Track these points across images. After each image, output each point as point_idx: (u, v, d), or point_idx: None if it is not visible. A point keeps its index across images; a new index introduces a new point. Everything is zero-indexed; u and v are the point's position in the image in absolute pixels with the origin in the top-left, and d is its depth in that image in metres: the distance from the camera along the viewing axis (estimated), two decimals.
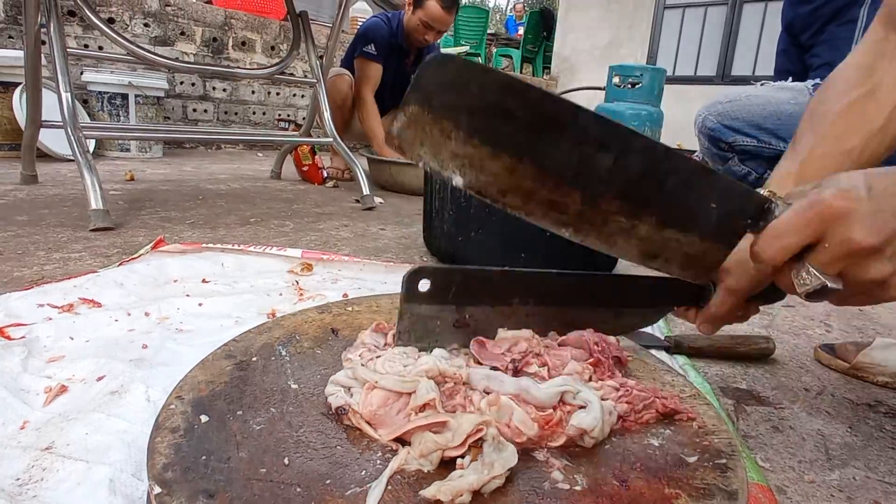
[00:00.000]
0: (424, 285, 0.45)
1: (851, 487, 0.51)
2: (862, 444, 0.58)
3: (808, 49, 1.22)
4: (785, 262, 0.38)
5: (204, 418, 0.38)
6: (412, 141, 0.34)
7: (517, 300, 0.50)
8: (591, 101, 3.73)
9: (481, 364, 0.45)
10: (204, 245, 1.03)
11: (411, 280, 0.45)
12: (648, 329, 0.82)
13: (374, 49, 2.14)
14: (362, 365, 0.41)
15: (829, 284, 0.36)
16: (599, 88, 3.31)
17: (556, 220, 0.38)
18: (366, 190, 1.71)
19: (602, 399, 0.42)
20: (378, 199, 1.80)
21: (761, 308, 0.53)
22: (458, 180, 0.36)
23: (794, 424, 0.62)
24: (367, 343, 0.46)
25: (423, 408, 0.37)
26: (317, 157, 2.17)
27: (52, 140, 2.12)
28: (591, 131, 0.36)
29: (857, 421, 0.64)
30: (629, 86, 2.98)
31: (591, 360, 0.45)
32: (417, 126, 0.34)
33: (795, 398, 0.68)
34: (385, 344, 0.47)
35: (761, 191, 0.44)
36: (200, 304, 0.76)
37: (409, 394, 0.38)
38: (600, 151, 0.36)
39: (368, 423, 0.38)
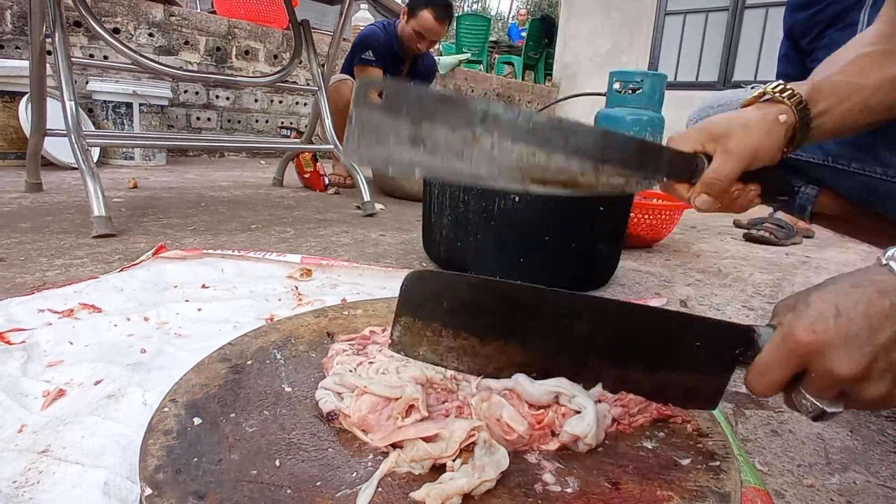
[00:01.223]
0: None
1: (852, 492, 0.50)
2: (863, 449, 0.58)
3: (808, 54, 1.22)
4: (783, 390, 0.38)
5: (197, 421, 0.38)
6: (412, 344, 0.41)
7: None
8: (592, 106, 3.74)
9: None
10: (204, 251, 1.03)
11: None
12: None
13: (371, 55, 2.16)
14: (350, 371, 0.41)
15: (828, 410, 0.36)
16: (600, 94, 3.32)
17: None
18: (366, 196, 1.72)
19: (597, 402, 0.42)
20: (379, 206, 1.80)
21: (760, 310, 0.52)
22: (458, 366, 0.42)
23: (794, 428, 0.61)
24: (337, 349, 0.46)
25: (408, 410, 0.37)
26: (318, 164, 2.18)
27: (56, 149, 2.14)
28: (562, 306, 0.40)
29: (857, 425, 0.63)
30: (630, 91, 2.98)
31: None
32: (413, 332, 0.40)
33: None
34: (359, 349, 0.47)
35: (766, 88, 0.45)
36: (199, 310, 0.76)
37: (398, 399, 0.38)
38: (575, 322, 0.40)
39: (359, 427, 0.38)
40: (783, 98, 0.48)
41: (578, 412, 0.40)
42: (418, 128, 0.38)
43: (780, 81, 0.50)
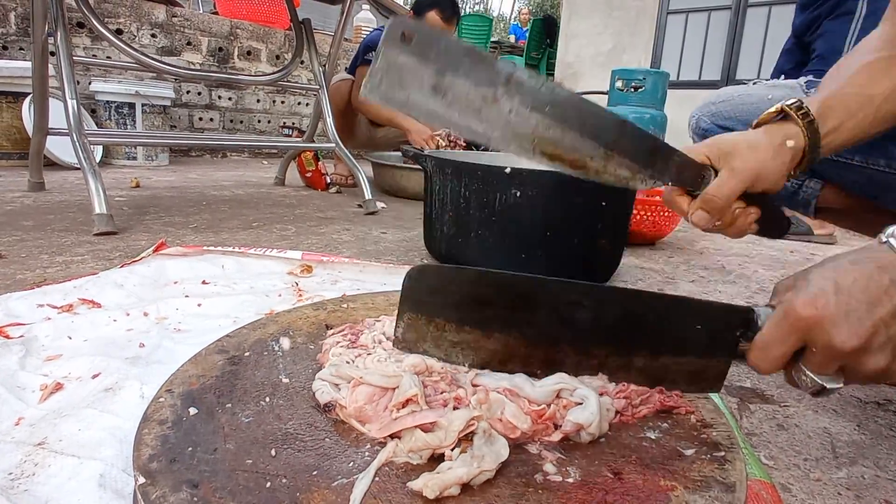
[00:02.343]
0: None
1: (860, 486, 0.49)
2: (871, 443, 0.57)
3: (808, 46, 1.22)
4: (785, 366, 0.38)
5: (193, 411, 0.37)
6: (415, 341, 0.41)
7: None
8: None
9: None
10: (205, 248, 1.03)
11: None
12: None
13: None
14: (348, 362, 0.40)
15: (827, 385, 0.36)
16: (603, 93, 3.31)
17: (558, 371, 0.42)
18: (368, 194, 1.71)
19: (600, 394, 0.41)
20: (380, 204, 1.80)
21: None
22: (463, 361, 0.42)
23: (800, 422, 0.60)
24: (330, 342, 0.45)
25: (405, 403, 0.36)
26: (320, 163, 2.18)
27: (59, 149, 2.15)
28: (562, 296, 0.40)
29: (865, 419, 0.62)
30: (632, 90, 2.97)
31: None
32: (416, 329, 0.40)
33: (801, 396, 0.67)
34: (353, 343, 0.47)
35: (786, 103, 0.46)
36: (199, 305, 0.76)
37: (395, 389, 0.37)
38: (576, 310, 0.40)
39: (356, 418, 0.38)
40: (798, 116, 0.48)
41: (580, 403, 0.39)
42: (442, 77, 0.37)
43: (795, 96, 0.50)
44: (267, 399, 0.40)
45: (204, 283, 0.87)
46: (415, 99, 0.38)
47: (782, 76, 1.22)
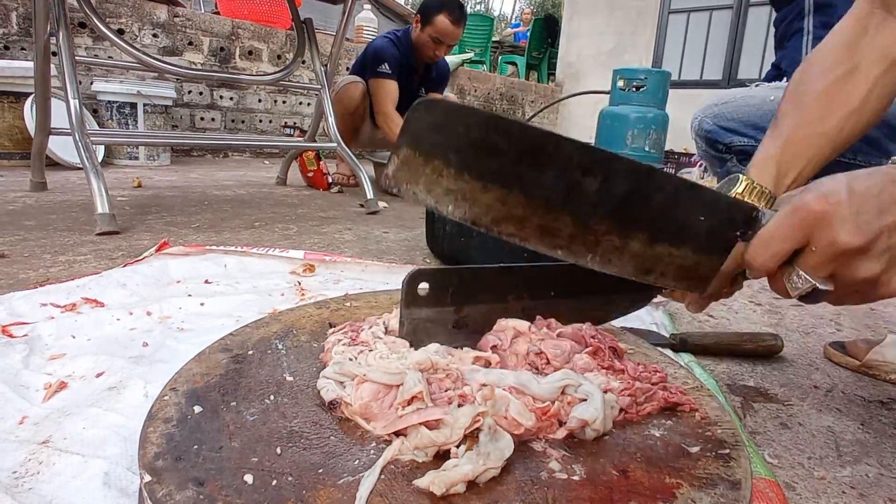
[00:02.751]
0: (423, 289, 0.47)
1: (864, 484, 0.49)
2: (875, 442, 0.57)
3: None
4: (777, 268, 0.38)
5: (197, 409, 0.37)
6: (407, 181, 0.36)
7: (513, 296, 0.50)
8: (596, 105, 3.72)
9: (480, 352, 0.45)
10: (207, 247, 1.03)
11: (411, 283, 0.46)
12: (654, 328, 0.81)
13: (387, 68, 2.14)
14: (350, 359, 0.40)
15: (820, 286, 0.36)
16: (604, 92, 3.30)
17: (550, 243, 0.39)
18: (370, 194, 1.71)
19: (605, 391, 0.41)
20: (382, 204, 1.80)
21: (768, 305, 0.52)
22: (453, 212, 0.38)
23: (804, 421, 0.60)
24: (332, 340, 0.46)
25: (410, 400, 0.36)
26: (322, 162, 2.18)
27: (61, 149, 2.15)
28: (574, 158, 0.37)
29: (868, 418, 0.62)
30: (634, 89, 2.97)
31: (588, 349, 0.45)
32: (410, 167, 0.36)
33: (805, 395, 0.67)
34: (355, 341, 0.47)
35: (740, 176, 0.45)
36: (202, 304, 0.76)
37: (399, 386, 0.37)
38: (585, 176, 0.37)
39: (361, 416, 0.38)
40: (756, 199, 0.49)
41: (585, 400, 0.39)
42: (461, 313, 0.47)
43: (750, 179, 0.50)
44: (271, 397, 0.40)
45: (207, 282, 0.87)
46: (441, 340, 0.46)
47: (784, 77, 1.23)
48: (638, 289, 0.51)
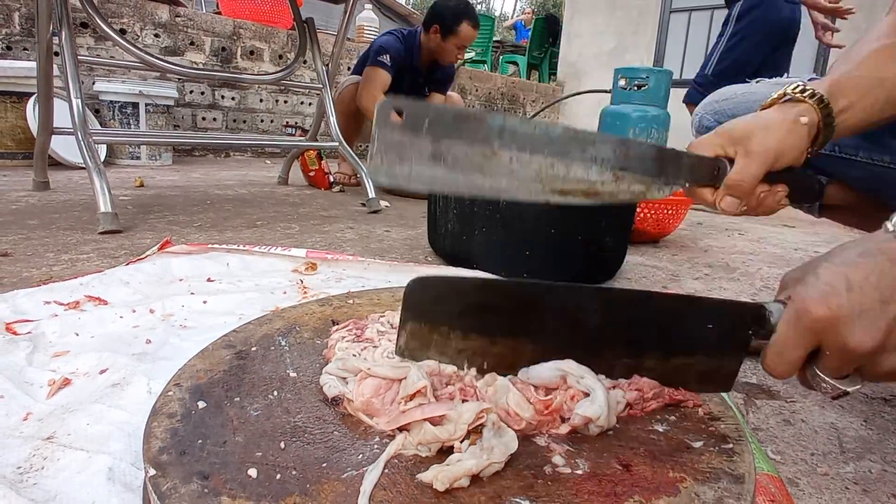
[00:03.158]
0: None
1: (867, 481, 0.49)
2: (878, 438, 0.57)
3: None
4: (800, 371, 0.37)
5: (201, 404, 0.37)
6: (419, 349, 0.40)
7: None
8: (597, 104, 3.72)
9: None
10: (210, 246, 1.03)
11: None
12: None
13: (388, 60, 2.14)
14: (354, 355, 0.40)
15: (848, 389, 0.35)
16: (605, 91, 3.30)
17: None
18: (371, 193, 1.72)
19: (612, 388, 0.41)
20: (384, 203, 1.80)
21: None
22: (469, 366, 0.41)
23: (806, 418, 0.60)
24: (336, 337, 0.46)
25: (413, 396, 0.36)
26: (323, 162, 2.18)
27: (64, 149, 2.16)
28: (570, 300, 0.39)
29: (872, 415, 0.62)
30: (635, 88, 2.96)
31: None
32: (419, 337, 0.39)
33: (807, 392, 0.66)
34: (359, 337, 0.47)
35: (790, 88, 0.46)
36: (205, 302, 0.76)
37: (401, 381, 0.37)
38: (585, 314, 0.40)
39: (363, 412, 0.38)
40: (804, 97, 0.47)
41: (587, 394, 0.39)
42: (438, 144, 0.39)
43: (800, 81, 0.49)
44: (275, 393, 0.40)
45: (209, 280, 0.87)
46: (417, 170, 0.39)
47: (785, 74, 1.23)
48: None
